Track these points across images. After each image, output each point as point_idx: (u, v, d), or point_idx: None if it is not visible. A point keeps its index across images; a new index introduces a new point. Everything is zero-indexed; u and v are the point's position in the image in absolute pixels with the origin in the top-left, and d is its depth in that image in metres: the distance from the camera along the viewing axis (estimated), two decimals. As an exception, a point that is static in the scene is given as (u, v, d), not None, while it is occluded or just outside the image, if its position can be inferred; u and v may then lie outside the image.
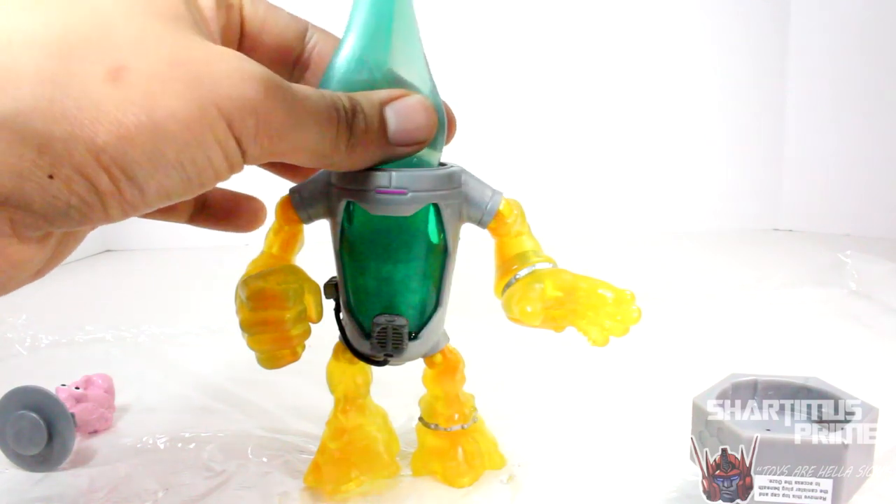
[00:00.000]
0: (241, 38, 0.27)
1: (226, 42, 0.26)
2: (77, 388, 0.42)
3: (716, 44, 1.24)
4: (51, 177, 0.18)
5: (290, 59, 0.29)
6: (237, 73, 0.21)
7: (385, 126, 0.26)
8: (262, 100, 0.21)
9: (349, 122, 0.24)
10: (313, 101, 0.23)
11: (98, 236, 1.18)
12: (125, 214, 0.20)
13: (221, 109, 0.20)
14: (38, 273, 0.23)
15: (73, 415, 0.38)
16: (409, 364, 0.33)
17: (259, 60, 0.23)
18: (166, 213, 0.32)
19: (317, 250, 0.35)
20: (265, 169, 0.32)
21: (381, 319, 0.30)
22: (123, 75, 0.19)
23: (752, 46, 1.24)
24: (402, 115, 0.26)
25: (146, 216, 0.30)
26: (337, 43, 0.28)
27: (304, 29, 0.29)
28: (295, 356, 0.30)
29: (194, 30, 0.22)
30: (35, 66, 0.18)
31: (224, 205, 0.33)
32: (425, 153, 0.29)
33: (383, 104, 0.26)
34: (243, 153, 0.21)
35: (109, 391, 0.44)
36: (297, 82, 0.28)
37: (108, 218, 0.20)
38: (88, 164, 0.19)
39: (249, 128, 0.21)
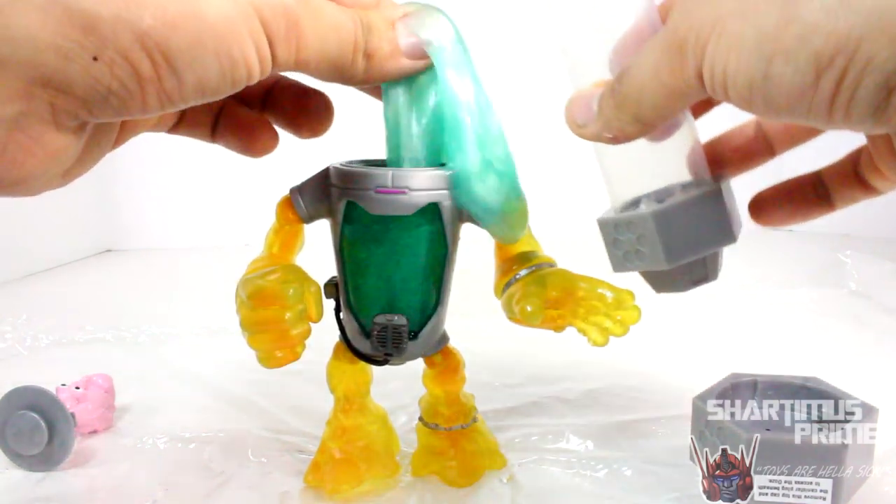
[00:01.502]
0: None
1: None
2: (77, 388, 0.42)
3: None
4: (95, 59, 0.18)
5: None
6: None
7: (396, 42, 0.26)
8: (292, 4, 0.22)
9: (366, 36, 0.25)
10: (334, 13, 0.24)
11: (98, 236, 1.18)
12: (161, 106, 0.21)
13: (256, 7, 0.21)
14: (66, 175, 0.23)
15: (73, 415, 0.38)
16: (409, 364, 0.33)
17: None
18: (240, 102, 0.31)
19: (317, 250, 0.35)
20: (278, 123, 0.31)
21: (381, 319, 0.30)
22: None
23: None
24: (412, 29, 0.27)
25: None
26: None
27: None
28: (295, 355, 0.30)
29: None
30: None
31: (292, 96, 0.32)
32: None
33: (393, 21, 0.27)
34: (273, 55, 0.22)
35: (109, 391, 0.44)
36: None
37: (145, 107, 0.20)
38: (132, 48, 0.19)
39: (280, 29, 0.22)
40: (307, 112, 0.31)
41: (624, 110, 0.23)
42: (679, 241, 0.25)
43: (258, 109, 0.31)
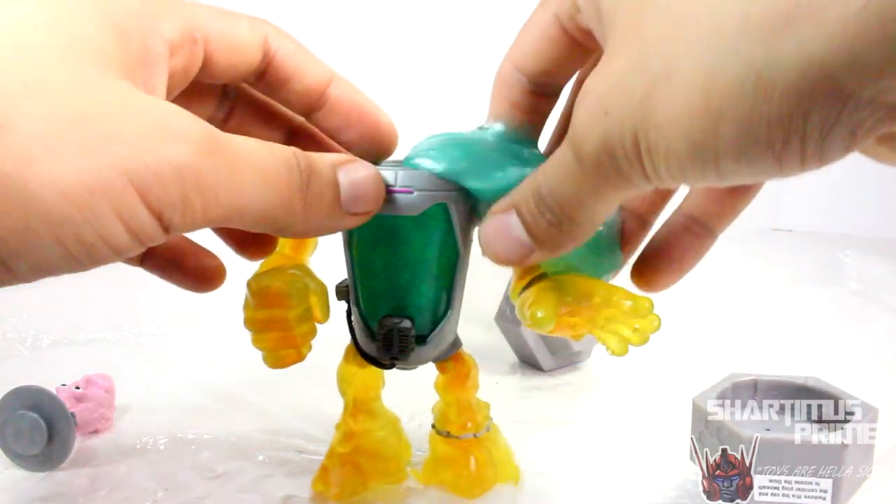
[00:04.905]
0: (202, 71, 0.24)
1: (178, 82, 0.23)
2: (77, 388, 0.42)
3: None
4: None
5: (251, 75, 0.26)
6: (158, 132, 0.18)
7: (338, 191, 0.23)
8: (190, 162, 0.18)
9: (305, 181, 0.22)
10: (258, 155, 0.21)
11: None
12: None
13: (132, 177, 0.17)
14: None
15: (73, 415, 0.38)
16: (425, 368, 0.32)
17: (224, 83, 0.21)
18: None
19: (334, 251, 0.34)
20: (219, 236, 0.30)
21: (387, 321, 0.29)
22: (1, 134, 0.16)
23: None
24: (354, 182, 0.24)
25: None
26: (296, 46, 0.26)
27: (262, 38, 0.25)
28: (300, 356, 0.30)
29: (121, 73, 0.19)
30: None
31: (167, 255, 0.30)
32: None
33: (336, 166, 0.23)
34: (165, 226, 0.19)
35: (109, 391, 0.44)
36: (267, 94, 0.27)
37: None
38: None
39: (172, 196, 0.18)
40: (183, 273, 0.30)
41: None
42: None
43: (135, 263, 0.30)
